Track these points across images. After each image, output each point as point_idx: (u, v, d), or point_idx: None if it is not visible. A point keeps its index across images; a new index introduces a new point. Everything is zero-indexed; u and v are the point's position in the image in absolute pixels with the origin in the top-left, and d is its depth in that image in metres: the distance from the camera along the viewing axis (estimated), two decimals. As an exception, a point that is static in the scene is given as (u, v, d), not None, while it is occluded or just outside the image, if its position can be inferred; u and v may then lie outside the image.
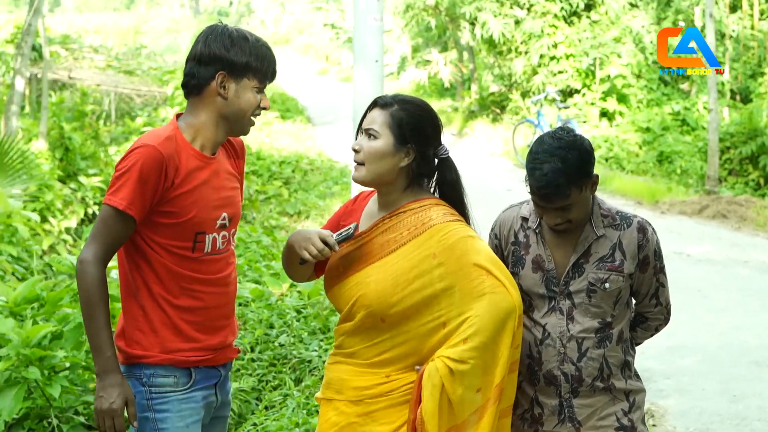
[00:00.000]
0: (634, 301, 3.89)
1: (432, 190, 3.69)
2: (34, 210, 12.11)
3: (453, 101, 24.20)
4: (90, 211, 13.72)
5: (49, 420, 5.61)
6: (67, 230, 12.78)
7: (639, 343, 3.97)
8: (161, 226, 3.50)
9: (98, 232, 3.46)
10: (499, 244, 3.89)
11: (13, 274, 9.07)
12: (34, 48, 21.81)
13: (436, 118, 3.64)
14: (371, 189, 3.76)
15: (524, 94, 21.08)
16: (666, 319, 3.95)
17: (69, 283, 7.77)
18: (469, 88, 23.96)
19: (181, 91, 18.36)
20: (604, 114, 19.98)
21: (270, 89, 23.59)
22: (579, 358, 3.70)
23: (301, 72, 33.81)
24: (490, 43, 20.83)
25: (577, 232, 3.73)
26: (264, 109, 3.62)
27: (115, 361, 3.46)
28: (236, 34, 3.54)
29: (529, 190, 3.63)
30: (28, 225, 10.41)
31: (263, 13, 50.98)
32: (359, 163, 3.58)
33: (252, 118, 3.61)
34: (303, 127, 22.37)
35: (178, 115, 3.63)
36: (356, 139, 3.64)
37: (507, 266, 3.70)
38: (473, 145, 20.71)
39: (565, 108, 18.56)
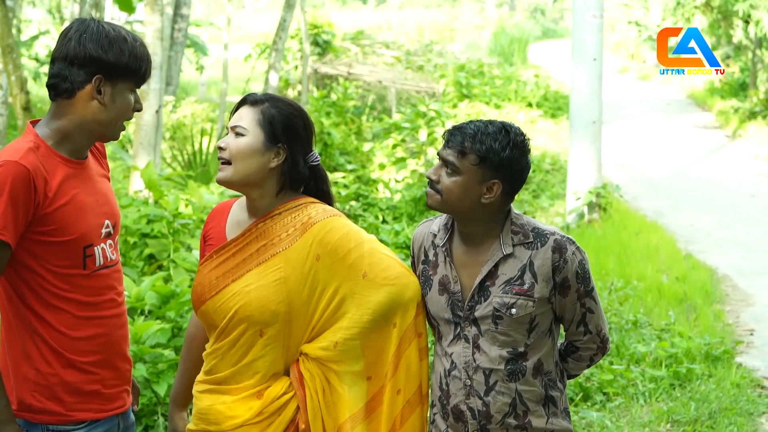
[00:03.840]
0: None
1: None
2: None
3: (740, 102, 23.12)
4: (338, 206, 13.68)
5: (156, 418, 5.71)
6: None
7: (574, 376, 3.58)
8: (45, 247, 3.14)
9: None
10: (413, 263, 3.57)
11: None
12: (317, 44, 22.99)
13: (308, 120, 3.42)
14: (224, 203, 3.60)
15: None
16: (601, 349, 3.51)
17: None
18: (758, 88, 22.85)
19: (453, 88, 18.29)
20: None
21: (543, 86, 23.34)
22: (486, 391, 3.35)
23: (603, 70, 33.21)
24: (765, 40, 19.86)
25: (484, 251, 3.38)
26: (137, 110, 3.30)
27: (10, 410, 3.11)
28: (113, 33, 3.19)
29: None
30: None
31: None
32: (225, 162, 3.33)
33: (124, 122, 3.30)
34: (567, 125, 21.70)
35: (33, 122, 3.27)
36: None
37: None
38: (740, 148, 19.80)
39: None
